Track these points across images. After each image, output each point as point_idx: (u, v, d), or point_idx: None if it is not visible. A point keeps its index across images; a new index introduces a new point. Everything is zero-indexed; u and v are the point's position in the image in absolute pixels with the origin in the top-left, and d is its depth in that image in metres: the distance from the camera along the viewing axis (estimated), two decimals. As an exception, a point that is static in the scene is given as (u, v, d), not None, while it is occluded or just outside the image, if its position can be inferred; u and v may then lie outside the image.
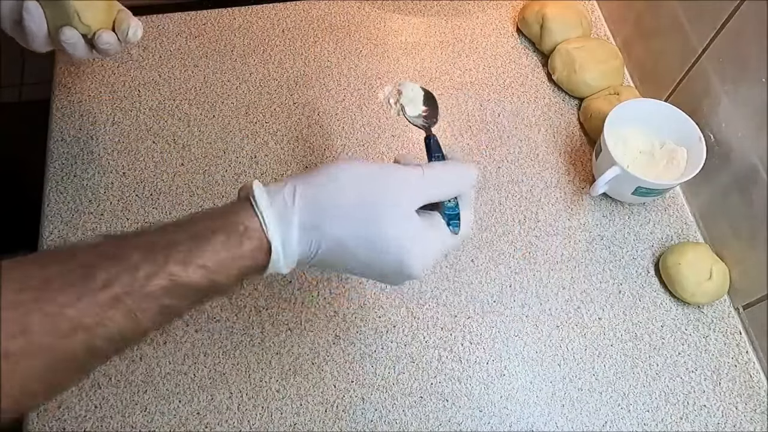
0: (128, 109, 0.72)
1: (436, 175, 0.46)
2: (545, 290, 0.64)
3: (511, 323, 0.62)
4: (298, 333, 0.60)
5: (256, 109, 0.73)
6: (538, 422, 0.58)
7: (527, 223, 0.68)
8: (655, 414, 0.59)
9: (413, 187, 0.45)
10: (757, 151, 0.60)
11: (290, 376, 0.58)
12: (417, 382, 0.59)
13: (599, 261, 0.66)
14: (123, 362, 0.58)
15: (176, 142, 0.70)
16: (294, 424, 0.56)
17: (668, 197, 0.71)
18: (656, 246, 0.68)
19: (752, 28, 0.58)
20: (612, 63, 0.75)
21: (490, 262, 0.65)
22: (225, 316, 0.60)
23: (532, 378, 0.60)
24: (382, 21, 0.81)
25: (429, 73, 0.78)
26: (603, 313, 0.63)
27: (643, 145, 0.68)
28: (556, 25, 0.76)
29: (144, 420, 0.56)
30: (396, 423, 0.57)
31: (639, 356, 0.61)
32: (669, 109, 0.67)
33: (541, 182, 0.71)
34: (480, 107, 0.75)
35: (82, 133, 0.70)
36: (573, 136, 0.74)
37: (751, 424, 0.59)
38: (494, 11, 0.83)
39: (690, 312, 0.64)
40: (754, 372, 0.62)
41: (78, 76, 0.74)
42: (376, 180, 0.44)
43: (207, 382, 0.58)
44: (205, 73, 0.75)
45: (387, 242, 0.43)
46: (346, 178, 0.44)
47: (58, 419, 0.55)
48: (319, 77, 0.76)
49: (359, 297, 0.62)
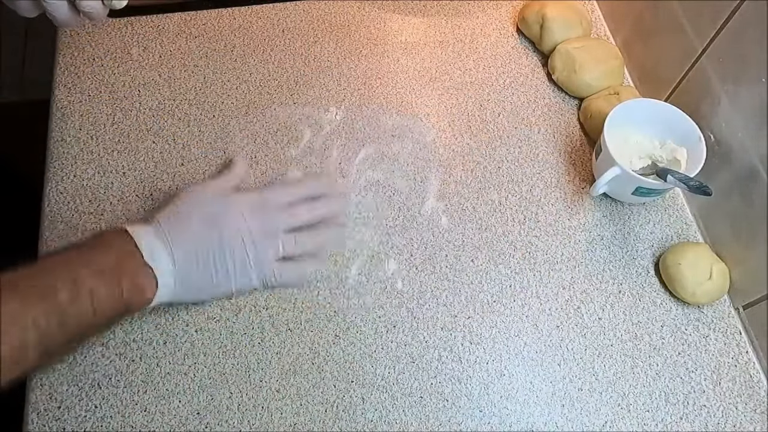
0: (128, 109, 0.72)
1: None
2: (545, 290, 0.64)
3: (511, 323, 0.62)
4: (298, 333, 0.60)
5: (256, 109, 0.73)
6: (538, 422, 0.58)
7: (527, 223, 0.68)
8: (655, 414, 0.59)
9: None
10: (757, 151, 0.60)
11: (290, 376, 0.58)
12: (417, 382, 0.59)
13: (599, 261, 0.66)
14: (123, 362, 0.58)
15: (176, 142, 0.70)
16: (294, 424, 0.56)
17: (668, 197, 0.71)
18: (656, 246, 0.68)
19: (752, 28, 0.58)
20: (612, 63, 0.75)
21: (490, 262, 0.65)
22: (225, 316, 0.60)
23: (532, 378, 0.60)
24: (382, 21, 0.81)
25: (429, 73, 0.78)
26: (603, 313, 0.63)
27: (643, 145, 0.68)
28: (556, 25, 0.76)
29: (144, 420, 0.56)
30: (396, 423, 0.57)
31: (639, 356, 0.61)
32: (669, 109, 0.67)
33: (541, 182, 0.71)
34: (480, 107, 0.75)
35: (82, 133, 0.70)
36: (573, 136, 0.74)
37: (751, 424, 0.59)
38: (494, 11, 0.83)
39: (690, 312, 0.64)
40: (754, 372, 0.62)
41: (78, 76, 0.74)
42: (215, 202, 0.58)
43: (207, 382, 0.58)
44: (205, 73, 0.75)
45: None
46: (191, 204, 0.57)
47: (58, 419, 0.55)
48: (319, 77, 0.76)
49: (359, 297, 0.62)
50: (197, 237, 0.55)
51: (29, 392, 0.56)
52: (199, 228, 0.55)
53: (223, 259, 0.56)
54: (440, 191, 0.69)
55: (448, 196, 0.69)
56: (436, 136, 0.73)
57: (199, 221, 0.56)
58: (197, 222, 0.55)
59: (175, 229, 0.54)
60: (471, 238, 0.66)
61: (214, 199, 0.58)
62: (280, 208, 0.60)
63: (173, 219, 0.55)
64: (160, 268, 0.53)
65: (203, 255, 0.55)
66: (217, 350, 0.59)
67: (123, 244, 0.52)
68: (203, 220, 0.56)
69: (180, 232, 0.54)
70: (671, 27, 0.70)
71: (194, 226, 0.55)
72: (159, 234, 0.54)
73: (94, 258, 0.50)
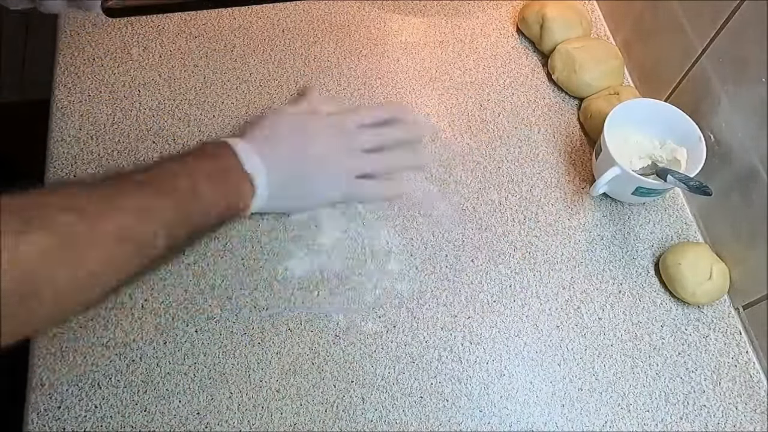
0: (128, 109, 0.72)
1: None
2: (545, 290, 0.64)
3: (511, 323, 0.62)
4: (298, 333, 0.60)
5: (256, 109, 0.73)
6: (538, 422, 0.58)
7: (527, 223, 0.68)
8: (655, 414, 0.59)
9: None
10: (757, 151, 0.60)
11: (290, 376, 0.58)
12: (417, 382, 0.59)
13: (599, 261, 0.66)
14: (123, 362, 0.58)
15: (176, 142, 0.70)
16: (294, 424, 0.56)
17: (668, 197, 0.71)
18: (656, 246, 0.68)
19: (752, 28, 0.58)
20: (612, 63, 0.75)
21: (490, 262, 0.65)
22: (225, 316, 0.60)
23: (532, 378, 0.60)
24: (382, 21, 0.81)
25: (429, 73, 0.78)
26: (603, 313, 0.63)
27: (643, 145, 0.68)
28: (556, 25, 0.76)
29: (144, 420, 0.56)
30: (396, 423, 0.57)
31: (639, 356, 0.61)
32: (669, 109, 0.67)
33: (541, 182, 0.71)
34: (480, 107, 0.75)
35: (82, 133, 0.70)
36: (573, 136, 0.74)
37: (751, 424, 0.59)
38: (494, 11, 0.83)
39: (690, 312, 0.64)
40: (754, 372, 0.62)
41: (78, 76, 0.74)
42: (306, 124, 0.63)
43: (207, 382, 0.58)
44: (205, 73, 0.75)
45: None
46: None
47: (58, 419, 0.55)
48: (319, 77, 0.76)
49: (359, 297, 0.62)
50: (289, 151, 0.60)
51: (29, 392, 0.56)
52: (290, 142, 0.60)
53: (312, 172, 0.61)
54: (440, 191, 0.69)
55: (448, 196, 0.69)
56: (436, 136, 0.73)
57: (290, 136, 0.60)
58: (288, 137, 0.60)
59: (269, 143, 0.59)
60: (471, 238, 0.66)
61: (301, 117, 0.63)
62: (361, 128, 0.64)
63: (267, 134, 0.60)
64: (258, 178, 0.57)
65: (295, 167, 0.60)
66: (217, 350, 0.59)
67: (225, 154, 0.57)
68: (294, 136, 0.61)
69: (274, 146, 0.59)
70: (671, 27, 0.70)
71: (286, 141, 0.60)
72: (255, 147, 0.58)
73: (203, 165, 0.55)
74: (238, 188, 0.57)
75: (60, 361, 0.57)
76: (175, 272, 0.62)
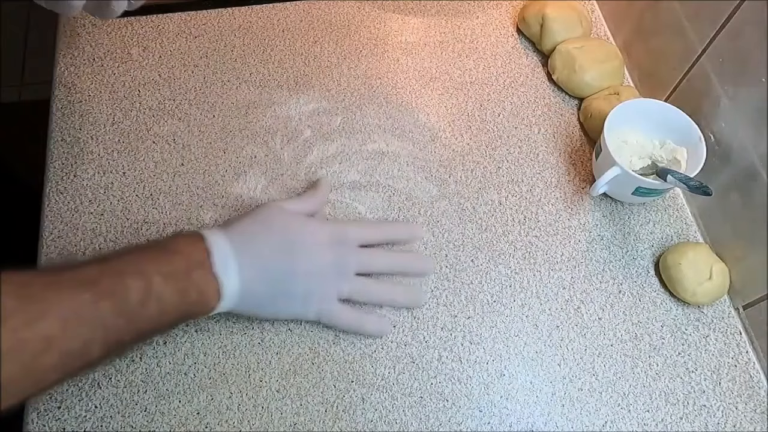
0: (128, 109, 0.72)
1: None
2: (545, 290, 0.64)
3: (511, 323, 0.62)
4: (298, 333, 0.60)
5: (256, 109, 0.73)
6: (538, 422, 0.58)
7: (527, 223, 0.68)
8: (655, 414, 0.59)
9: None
10: (757, 151, 0.60)
11: (290, 376, 0.58)
12: (417, 382, 0.59)
13: (599, 261, 0.66)
14: (123, 362, 0.58)
15: (176, 142, 0.70)
16: (294, 424, 0.56)
17: (668, 197, 0.71)
18: (656, 246, 0.68)
19: (752, 28, 0.58)
20: (612, 63, 0.75)
21: (490, 262, 0.65)
22: (225, 316, 0.60)
23: (532, 378, 0.60)
24: (382, 21, 0.81)
25: (429, 73, 0.78)
26: (603, 313, 0.63)
27: (643, 145, 0.68)
28: (556, 25, 0.76)
29: (144, 420, 0.56)
30: (396, 423, 0.57)
31: (639, 356, 0.61)
32: (669, 109, 0.67)
33: (541, 182, 0.71)
34: (480, 107, 0.75)
35: (82, 133, 0.70)
36: (573, 136, 0.74)
37: (751, 424, 0.59)
38: (494, 11, 0.83)
39: (690, 312, 0.64)
40: (754, 372, 0.62)
41: (78, 76, 0.74)
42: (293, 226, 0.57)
43: (207, 382, 0.58)
44: (205, 73, 0.75)
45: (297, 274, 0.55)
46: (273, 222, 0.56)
47: (58, 419, 0.55)
48: (319, 77, 0.76)
49: (359, 297, 0.62)
50: (271, 259, 0.54)
51: (29, 392, 0.56)
52: (274, 249, 0.54)
53: (290, 286, 0.55)
54: (440, 191, 0.69)
55: (448, 196, 0.69)
56: (435, 136, 0.73)
57: (275, 243, 0.54)
58: (274, 243, 0.54)
59: (250, 246, 0.53)
60: (471, 238, 0.66)
61: (294, 221, 0.57)
62: (357, 247, 0.58)
63: (250, 235, 0.54)
64: (228, 283, 0.52)
65: (272, 278, 0.54)
66: (217, 350, 0.59)
67: (195, 251, 0.51)
68: (279, 243, 0.54)
69: (254, 250, 0.53)
70: (671, 27, 0.70)
71: (270, 247, 0.54)
72: (234, 247, 0.52)
73: (165, 261, 0.49)
74: (201, 292, 0.51)
75: (60, 361, 0.57)
76: (175, 272, 0.62)
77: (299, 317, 0.59)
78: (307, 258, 0.55)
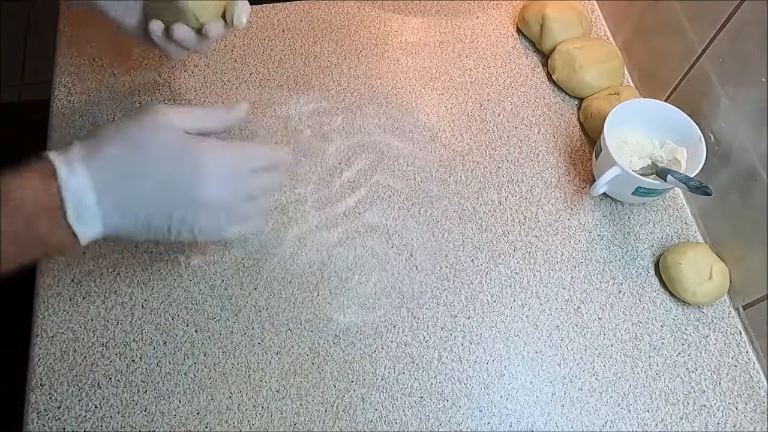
0: (128, 109, 0.72)
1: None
2: (545, 290, 0.64)
3: (511, 323, 0.62)
4: (298, 333, 0.60)
5: (256, 109, 0.73)
6: (538, 422, 0.58)
7: (527, 223, 0.68)
8: (655, 414, 0.59)
9: None
10: (757, 151, 0.60)
11: (290, 376, 0.58)
12: (417, 382, 0.59)
13: (599, 261, 0.66)
14: (123, 362, 0.58)
15: (176, 142, 0.70)
16: (294, 424, 0.56)
17: (668, 197, 0.71)
18: (656, 246, 0.68)
19: (752, 28, 0.58)
20: (612, 63, 0.75)
21: (490, 262, 0.65)
22: (225, 316, 0.60)
23: (532, 378, 0.60)
24: (382, 21, 0.81)
25: (429, 73, 0.78)
26: (603, 313, 0.63)
27: (643, 145, 0.68)
28: (556, 25, 0.76)
29: (144, 420, 0.56)
30: (396, 423, 0.57)
31: (639, 356, 0.61)
32: (669, 109, 0.67)
33: (541, 182, 0.71)
34: (480, 107, 0.75)
35: (82, 133, 0.70)
36: (573, 136, 0.74)
37: (751, 424, 0.59)
38: (494, 11, 0.83)
39: (690, 312, 0.64)
40: (754, 372, 0.62)
41: (78, 76, 0.74)
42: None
43: (207, 382, 0.58)
44: (205, 73, 0.75)
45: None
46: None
47: (58, 419, 0.55)
48: (319, 77, 0.76)
49: (359, 297, 0.62)
50: (145, 204, 0.44)
51: (29, 392, 0.56)
52: (151, 190, 0.44)
53: (172, 231, 0.46)
54: (440, 191, 0.69)
55: (448, 196, 0.69)
56: (436, 136, 0.73)
57: (156, 182, 0.44)
58: (153, 182, 0.44)
59: (119, 183, 0.43)
60: (471, 238, 0.66)
61: (183, 145, 0.46)
62: (250, 172, 0.50)
63: (121, 168, 0.43)
64: (86, 232, 0.43)
65: (148, 225, 0.45)
66: (217, 350, 0.59)
67: (41, 194, 0.42)
68: (159, 181, 0.44)
69: (123, 192, 0.43)
70: (671, 27, 0.70)
71: (147, 188, 0.44)
72: (96, 189, 0.42)
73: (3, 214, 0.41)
74: (53, 243, 0.43)
75: (60, 361, 0.57)
76: (175, 272, 0.62)
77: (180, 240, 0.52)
78: (195, 198, 0.45)
